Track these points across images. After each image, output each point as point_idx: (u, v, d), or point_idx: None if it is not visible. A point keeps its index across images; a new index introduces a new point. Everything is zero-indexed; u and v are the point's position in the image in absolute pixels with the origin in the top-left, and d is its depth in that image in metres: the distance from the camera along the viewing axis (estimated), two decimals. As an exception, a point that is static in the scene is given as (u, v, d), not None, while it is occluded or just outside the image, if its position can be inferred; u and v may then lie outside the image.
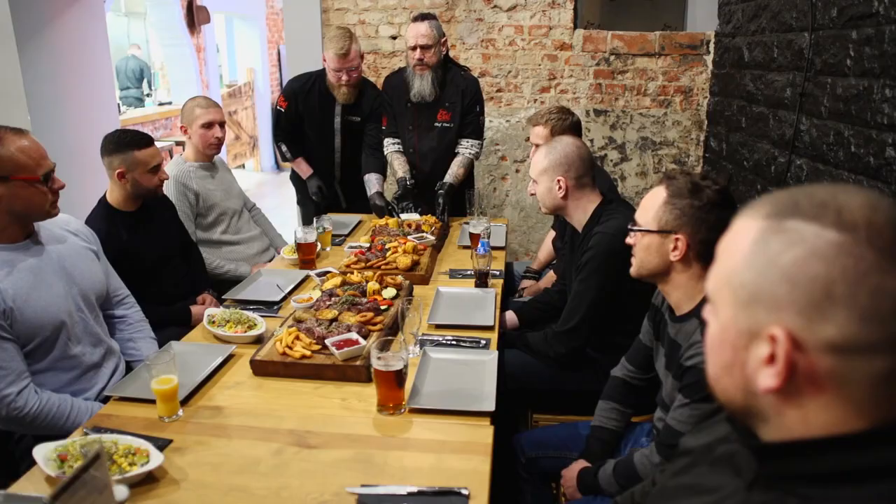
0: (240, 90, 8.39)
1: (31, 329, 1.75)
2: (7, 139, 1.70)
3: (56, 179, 1.79)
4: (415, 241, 2.65)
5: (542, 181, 2.19)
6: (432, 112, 3.24)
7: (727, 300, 0.72)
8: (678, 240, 1.51)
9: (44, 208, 1.78)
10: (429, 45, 3.08)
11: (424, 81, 3.13)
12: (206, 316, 2.09)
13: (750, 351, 0.70)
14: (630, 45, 4.06)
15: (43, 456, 1.37)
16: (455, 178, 3.21)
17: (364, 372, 1.72)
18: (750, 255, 0.70)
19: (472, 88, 3.25)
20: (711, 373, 0.77)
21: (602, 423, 1.86)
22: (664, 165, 4.24)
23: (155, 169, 2.41)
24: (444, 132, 3.26)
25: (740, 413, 0.75)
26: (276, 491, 1.32)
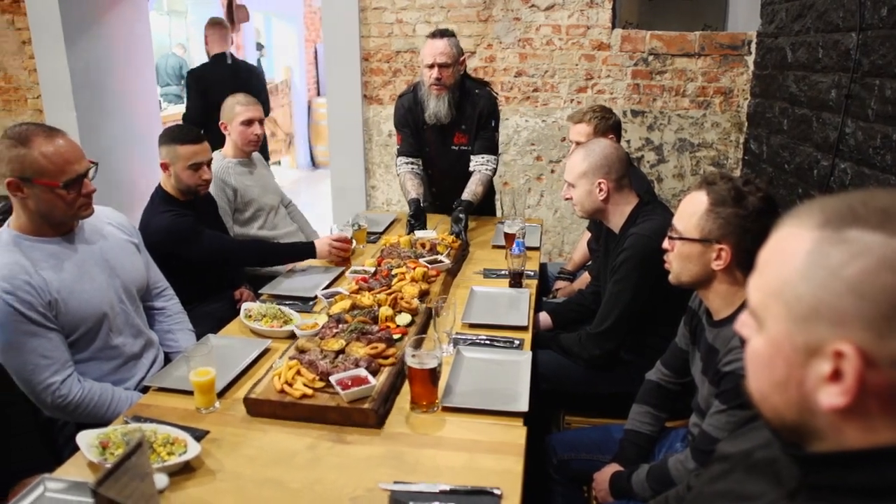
0: (276, 88, 8.48)
1: (75, 320, 1.79)
2: (35, 141, 1.69)
3: (86, 184, 1.78)
4: (425, 267, 2.35)
5: (581, 184, 2.15)
6: (448, 134, 3.10)
7: (779, 315, 0.68)
8: (722, 250, 1.48)
9: (68, 213, 1.77)
10: (447, 64, 2.90)
11: (441, 103, 2.96)
12: (243, 310, 2.12)
13: (808, 368, 0.66)
14: (669, 45, 4.00)
15: (86, 442, 1.41)
16: (474, 196, 3.00)
17: (373, 416, 1.51)
18: (806, 267, 0.66)
19: (487, 105, 3.08)
20: (757, 391, 0.73)
21: (636, 426, 1.84)
22: (702, 168, 4.18)
23: (195, 166, 2.46)
24: (461, 155, 3.12)
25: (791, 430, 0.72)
26: (309, 484, 1.33)
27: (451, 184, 3.17)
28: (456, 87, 2.99)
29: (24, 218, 1.76)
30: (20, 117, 4.63)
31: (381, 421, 1.53)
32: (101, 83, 4.66)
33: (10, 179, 1.68)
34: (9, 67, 4.57)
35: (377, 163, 4.46)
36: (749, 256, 1.50)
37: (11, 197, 1.73)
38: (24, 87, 4.59)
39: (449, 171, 3.19)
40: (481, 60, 4.20)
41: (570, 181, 2.18)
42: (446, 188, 3.23)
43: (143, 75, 5.11)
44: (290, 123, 8.77)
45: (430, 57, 2.90)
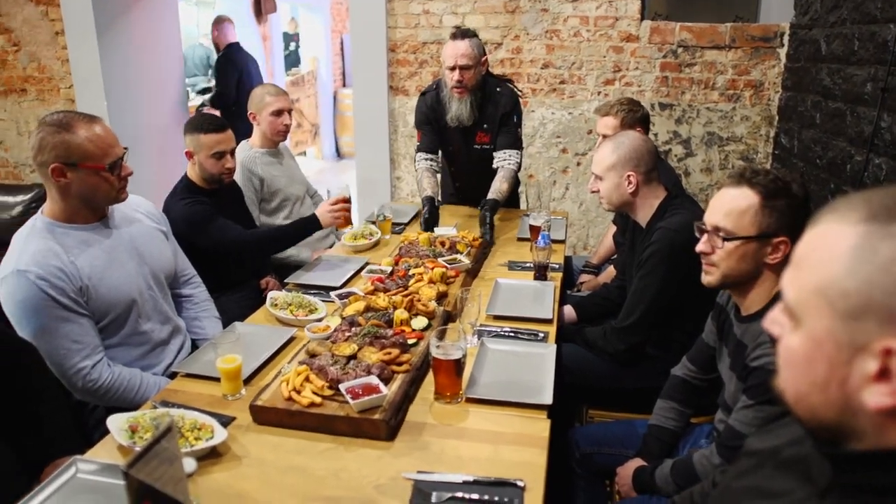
0: (303, 79, 8.52)
1: (105, 306, 1.82)
2: (78, 127, 1.74)
3: (124, 167, 1.83)
4: (444, 267, 2.27)
5: (610, 177, 2.12)
6: (471, 134, 3.07)
7: (821, 312, 0.66)
8: (781, 243, 1.45)
9: (110, 195, 1.82)
10: (469, 66, 2.84)
11: (463, 105, 2.93)
12: (269, 299, 2.14)
13: (853, 366, 0.64)
14: (699, 37, 3.94)
15: (116, 426, 1.44)
16: (499, 193, 2.94)
17: (384, 427, 1.44)
18: (852, 262, 0.64)
19: (508, 102, 3.03)
20: (793, 390, 0.71)
21: (660, 422, 1.83)
22: (731, 162, 4.12)
23: (218, 155, 2.48)
24: (484, 154, 3.09)
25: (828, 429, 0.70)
26: (334, 472, 1.34)
27: (474, 180, 3.17)
28: (478, 87, 2.95)
29: (61, 204, 1.80)
30: (53, 106, 4.70)
31: (393, 433, 1.47)
32: (130, 73, 4.72)
33: (54, 165, 1.71)
34: (42, 58, 4.64)
35: (402, 154, 4.46)
36: None
37: (51, 183, 1.76)
38: (56, 76, 4.66)
39: (472, 169, 3.18)
40: (508, 52, 4.18)
41: (597, 174, 2.15)
42: (469, 184, 3.23)
43: (171, 65, 5.16)
44: (316, 114, 8.81)
45: (451, 59, 2.85)
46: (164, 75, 5.07)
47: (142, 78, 4.82)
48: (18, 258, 1.71)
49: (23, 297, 1.68)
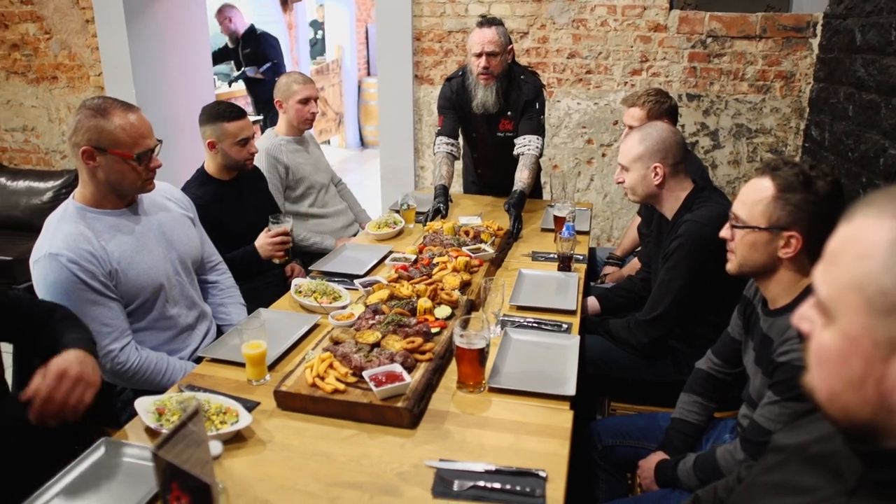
0: (327, 67, 8.54)
1: (134, 290, 1.85)
2: (113, 114, 1.76)
3: (154, 159, 1.85)
4: (468, 256, 2.28)
5: (636, 168, 2.09)
6: (495, 121, 3.08)
7: (857, 308, 0.65)
8: (791, 237, 1.43)
9: (136, 184, 1.84)
10: (495, 53, 2.86)
11: (488, 92, 2.95)
12: (294, 286, 2.15)
13: (891, 364, 0.63)
14: (729, 26, 3.88)
15: (143, 408, 1.46)
16: (523, 183, 2.94)
17: (407, 416, 1.45)
18: (888, 259, 0.62)
19: (532, 89, 3.03)
20: (825, 388, 0.70)
21: (683, 415, 1.82)
22: (759, 154, 4.06)
23: (243, 142, 2.50)
24: (507, 141, 3.09)
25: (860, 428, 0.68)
26: (356, 458, 1.35)
27: (496, 166, 3.18)
28: (503, 75, 2.96)
29: (91, 188, 1.82)
30: (83, 94, 4.77)
31: (416, 421, 1.47)
32: (158, 61, 4.76)
33: (85, 147, 1.74)
34: (73, 45, 4.70)
35: (426, 143, 4.45)
36: (820, 244, 1.45)
37: (82, 166, 1.79)
38: (86, 64, 4.72)
39: (495, 156, 3.18)
40: (534, 41, 4.14)
41: (624, 164, 2.13)
42: (492, 170, 3.24)
43: (198, 54, 5.20)
44: (341, 103, 8.82)
45: (477, 46, 2.86)
46: (192, 63, 5.11)
47: (170, 66, 4.86)
48: (51, 242, 1.74)
49: (54, 280, 1.71)
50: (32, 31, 4.75)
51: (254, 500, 1.24)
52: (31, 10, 4.68)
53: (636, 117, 2.62)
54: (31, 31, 4.75)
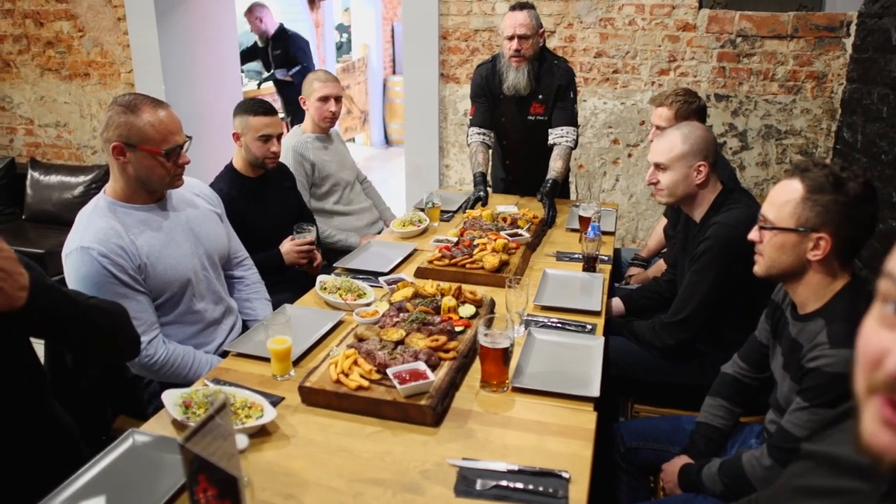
0: (353, 65, 8.58)
1: (162, 284, 1.88)
2: (143, 110, 1.79)
3: (182, 156, 1.87)
4: (506, 239, 2.43)
5: (678, 167, 2.04)
6: (525, 104, 3.10)
7: None
8: (821, 239, 1.41)
9: (164, 180, 1.86)
10: (527, 36, 2.91)
11: (520, 74, 2.97)
12: (318, 282, 2.17)
13: None
14: (759, 26, 3.82)
15: (170, 401, 1.48)
16: (557, 173, 3.00)
17: (430, 414, 1.45)
18: None
19: (565, 76, 3.07)
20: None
21: (708, 419, 1.80)
22: (788, 156, 3.99)
23: (264, 138, 2.52)
24: (538, 125, 3.11)
25: None
26: (380, 455, 1.36)
27: (525, 153, 3.20)
28: (535, 58, 2.99)
29: (121, 183, 1.86)
30: (114, 90, 4.85)
31: (439, 419, 1.47)
32: (187, 59, 4.82)
33: (115, 143, 1.77)
34: (105, 43, 4.78)
35: (452, 142, 4.45)
36: (850, 245, 1.43)
37: (112, 161, 1.82)
38: (118, 61, 4.80)
39: (524, 141, 3.19)
40: (561, 40, 4.12)
41: (662, 163, 2.07)
42: (520, 158, 3.24)
43: (226, 52, 5.25)
44: (366, 101, 8.86)
45: (509, 28, 2.90)
46: (220, 60, 5.17)
47: (198, 63, 4.92)
48: (83, 235, 1.77)
49: (86, 273, 1.74)
50: (66, 28, 4.83)
51: (278, 493, 1.25)
52: (65, 8, 4.77)
53: (664, 117, 2.60)
54: (65, 29, 4.84)
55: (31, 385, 1.45)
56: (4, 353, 1.38)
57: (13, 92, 5.14)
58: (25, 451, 1.37)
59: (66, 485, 1.25)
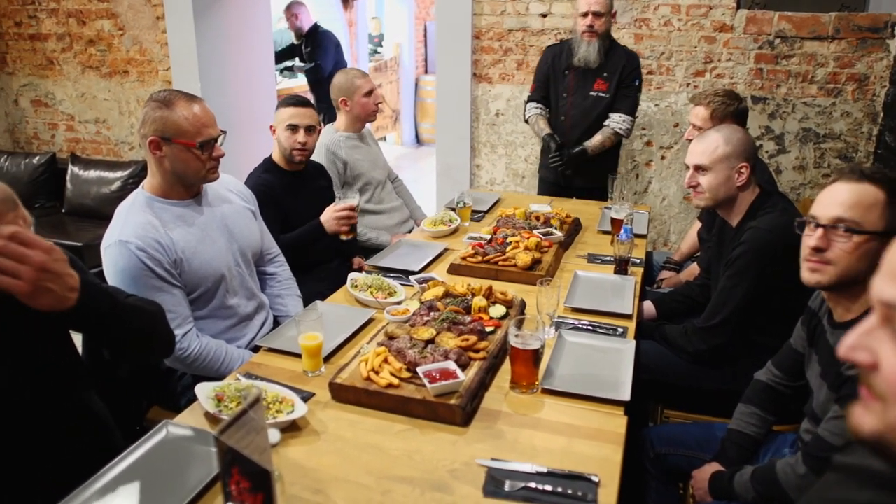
0: (385, 65, 8.61)
1: (197, 279, 1.91)
2: (177, 104, 1.83)
3: (217, 148, 1.90)
4: (539, 237, 2.45)
5: (720, 169, 2.00)
6: (589, 80, 3.26)
7: None
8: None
9: (199, 173, 1.89)
10: (601, 13, 3.12)
11: (591, 48, 3.17)
12: (349, 280, 2.18)
13: None
14: (799, 27, 3.75)
15: (203, 394, 1.50)
16: (592, 145, 3.18)
17: (459, 413, 1.45)
18: None
19: (633, 62, 3.28)
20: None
21: (741, 427, 1.77)
22: (826, 160, 3.91)
23: (292, 128, 2.55)
24: (598, 102, 3.27)
25: None
26: (408, 454, 1.37)
27: (578, 133, 3.28)
28: (605, 35, 3.20)
29: (158, 179, 1.89)
30: (152, 87, 4.94)
31: (468, 419, 1.47)
32: (223, 57, 4.89)
33: (152, 138, 1.82)
34: (144, 41, 4.87)
35: (483, 142, 4.45)
36: None
37: (150, 156, 1.86)
38: (156, 59, 4.89)
39: (581, 118, 3.31)
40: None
41: (704, 164, 2.02)
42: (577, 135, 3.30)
43: (261, 50, 5.32)
44: (398, 100, 8.89)
45: (584, 5, 3.13)
46: (255, 59, 5.23)
47: (234, 61, 4.99)
48: (121, 230, 1.81)
49: (123, 266, 1.78)
50: (107, 27, 4.94)
51: (307, 488, 1.26)
52: (106, 7, 4.87)
53: (700, 116, 2.57)
54: (105, 28, 4.95)
55: (70, 376, 1.49)
56: (46, 345, 1.42)
57: (56, 89, 5.26)
58: (64, 440, 1.40)
59: (102, 473, 1.28)
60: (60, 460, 1.39)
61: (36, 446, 1.37)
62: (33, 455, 1.36)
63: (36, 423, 1.37)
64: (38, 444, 1.37)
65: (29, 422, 1.36)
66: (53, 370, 1.43)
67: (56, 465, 1.38)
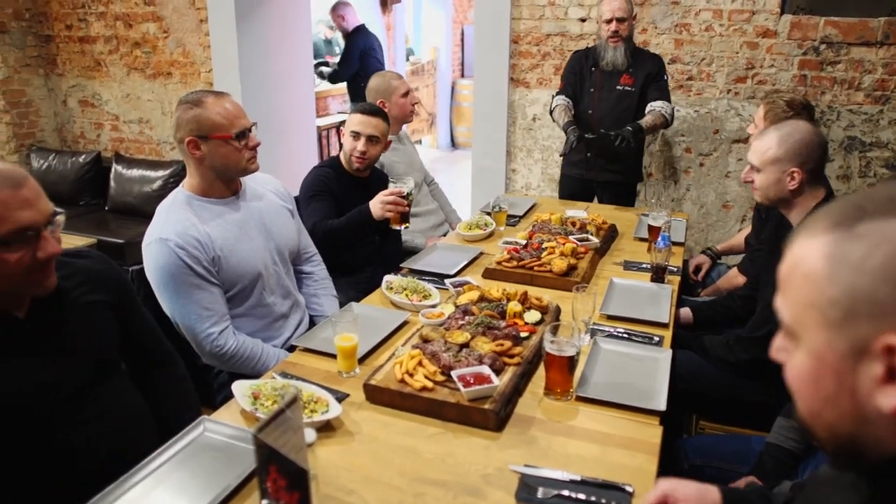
0: (422, 68, 8.65)
1: (234, 276, 1.94)
2: (207, 102, 1.88)
3: (252, 137, 1.95)
4: (575, 243, 2.44)
5: (770, 171, 1.94)
6: (617, 75, 3.37)
7: (817, 325, 0.66)
8: None
9: (240, 164, 1.93)
10: (624, 19, 3.26)
11: (618, 52, 3.31)
12: (385, 282, 2.19)
13: (858, 372, 0.64)
14: (846, 32, 3.66)
15: (240, 391, 1.53)
16: (646, 122, 3.22)
17: (493, 418, 1.44)
18: (828, 270, 0.65)
19: (657, 60, 3.42)
20: (807, 410, 0.71)
21: (779, 441, 1.73)
22: (873, 170, 3.81)
23: (354, 134, 2.57)
24: (625, 95, 3.36)
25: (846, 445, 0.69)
26: (441, 457, 1.37)
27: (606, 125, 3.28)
28: (629, 38, 3.36)
29: (197, 178, 1.94)
30: (193, 89, 5.03)
31: (502, 424, 1.47)
32: (264, 59, 4.96)
33: (189, 138, 1.86)
34: (187, 44, 4.97)
35: (519, 146, 4.44)
36: None
37: (188, 158, 1.91)
38: (198, 61, 4.98)
39: (609, 111, 3.36)
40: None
41: (755, 164, 1.98)
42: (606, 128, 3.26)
43: (301, 52, 5.39)
44: (434, 103, 8.92)
45: (608, 13, 3.26)
46: (295, 61, 5.30)
47: (274, 63, 5.06)
48: (162, 227, 1.85)
49: (163, 263, 1.82)
50: (153, 30, 5.05)
51: (341, 488, 1.27)
52: (152, 10, 4.99)
53: (758, 115, 2.55)
54: (151, 31, 5.06)
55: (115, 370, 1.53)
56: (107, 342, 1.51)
57: (102, 90, 5.40)
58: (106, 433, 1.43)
59: (140, 467, 1.30)
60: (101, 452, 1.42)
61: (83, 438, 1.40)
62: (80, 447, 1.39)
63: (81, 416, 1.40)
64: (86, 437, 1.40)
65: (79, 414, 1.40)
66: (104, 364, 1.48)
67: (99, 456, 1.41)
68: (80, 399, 1.40)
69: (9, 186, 1.21)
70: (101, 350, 1.49)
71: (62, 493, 1.33)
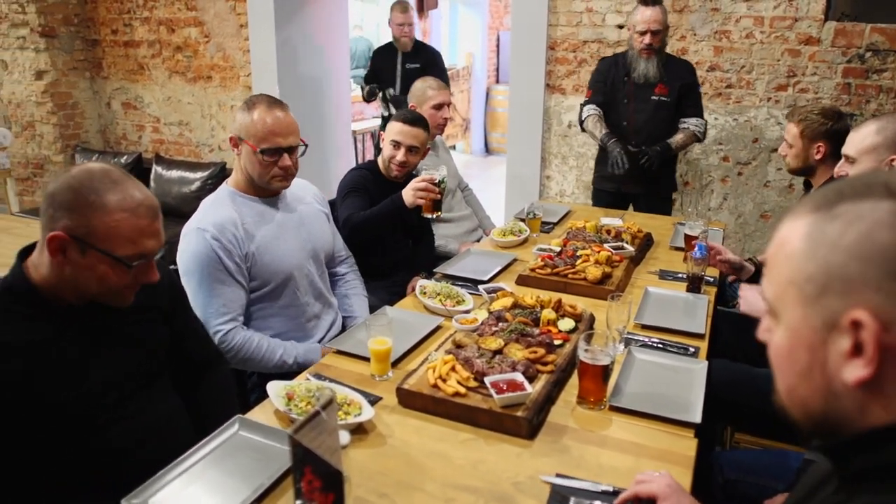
0: (458, 74, 8.67)
1: (267, 274, 1.98)
2: (257, 108, 1.92)
3: (285, 157, 1.93)
4: (610, 251, 2.43)
5: (866, 161, 1.89)
6: (650, 87, 3.28)
7: (794, 301, 0.69)
8: None
9: (263, 178, 1.95)
10: (658, 31, 3.16)
11: (650, 64, 3.22)
12: (418, 286, 2.20)
13: (829, 347, 0.67)
14: (893, 39, 3.57)
15: (274, 392, 1.54)
16: (675, 142, 3.20)
17: (525, 426, 1.43)
18: (807, 248, 0.68)
19: (690, 69, 3.37)
20: (784, 387, 0.74)
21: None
22: (919, 180, 3.70)
23: (394, 143, 2.58)
24: (661, 106, 3.28)
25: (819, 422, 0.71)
26: (473, 463, 1.36)
27: (644, 137, 3.26)
28: (662, 50, 3.27)
29: (239, 175, 2.01)
30: (233, 93, 5.13)
31: (534, 432, 1.46)
32: (301, 64, 5.03)
33: (232, 136, 1.95)
34: (227, 48, 5.07)
35: (554, 153, 4.42)
36: None
37: (234, 153, 1.99)
38: (238, 65, 5.07)
39: (645, 124, 3.29)
40: (672, 52, 4.00)
41: (851, 155, 1.93)
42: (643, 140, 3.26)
43: (338, 58, 5.45)
44: (468, 109, 8.94)
45: (643, 24, 3.16)
46: (332, 67, 5.36)
47: (311, 69, 5.13)
48: (202, 218, 1.91)
49: (195, 251, 1.87)
50: (194, 35, 5.16)
51: (372, 491, 1.28)
52: (194, 15, 5.10)
53: (791, 133, 2.49)
54: (192, 35, 5.17)
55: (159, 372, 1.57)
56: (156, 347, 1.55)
57: (144, 92, 5.53)
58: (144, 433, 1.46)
59: (176, 464, 1.33)
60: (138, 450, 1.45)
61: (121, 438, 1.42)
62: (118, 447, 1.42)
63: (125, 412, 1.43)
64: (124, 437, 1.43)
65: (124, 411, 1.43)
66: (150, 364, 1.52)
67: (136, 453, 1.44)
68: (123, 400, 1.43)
69: (150, 217, 1.34)
70: (150, 353, 1.52)
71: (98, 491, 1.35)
